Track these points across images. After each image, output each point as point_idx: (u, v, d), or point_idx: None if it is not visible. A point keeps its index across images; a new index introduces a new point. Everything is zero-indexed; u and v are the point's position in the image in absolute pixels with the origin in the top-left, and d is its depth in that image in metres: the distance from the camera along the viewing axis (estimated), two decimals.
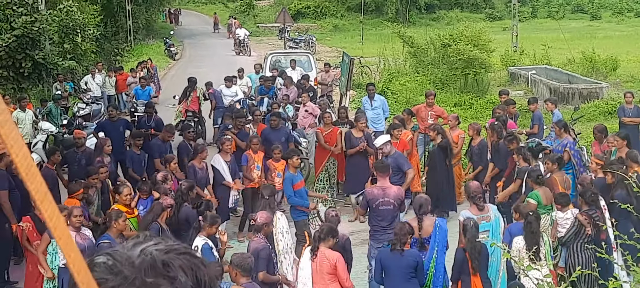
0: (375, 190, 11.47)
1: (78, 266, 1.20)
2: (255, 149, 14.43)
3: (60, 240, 1.14)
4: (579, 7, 78.03)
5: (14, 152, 1.06)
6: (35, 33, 25.25)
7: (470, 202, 10.98)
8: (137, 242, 1.46)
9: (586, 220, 10.42)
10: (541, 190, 11.64)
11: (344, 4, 74.31)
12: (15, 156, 1.06)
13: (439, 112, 17.92)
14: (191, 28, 70.69)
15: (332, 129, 16.16)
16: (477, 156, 14.98)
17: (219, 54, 48.24)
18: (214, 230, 10.25)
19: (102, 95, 26.32)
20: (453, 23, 53.88)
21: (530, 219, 9.96)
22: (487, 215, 10.69)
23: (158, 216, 10.45)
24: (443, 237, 10.22)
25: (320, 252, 9.41)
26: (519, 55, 36.88)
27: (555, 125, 15.50)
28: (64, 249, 1.16)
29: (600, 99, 25.93)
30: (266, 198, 11.05)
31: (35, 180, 1.08)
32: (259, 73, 25.57)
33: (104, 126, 17.85)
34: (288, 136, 16.37)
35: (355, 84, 28.96)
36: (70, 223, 10.03)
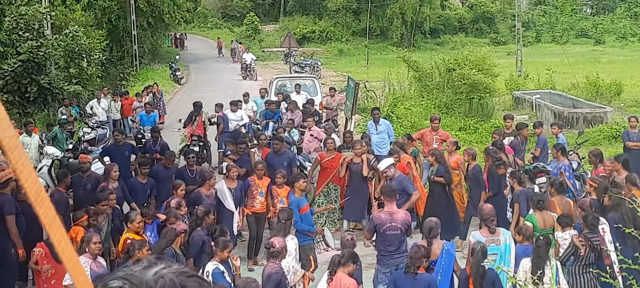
0: (383, 214, 11.42)
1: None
2: (259, 175, 14.32)
3: (69, 263, 1.15)
4: (582, 32, 78.18)
5: (23, 177, 1.08)
6: (41, 58, 25.34)
7: (483, 224, 10.98)
8: (146, 266, 1.47)
9: (581, 242, 10.48)
10: (539, 214, 11.67)
11: (349, 28, 74.61)
12: (24, 181, 1.08)
13: (444, 137, 17.89)
14: (197, 53, 70.94)
15: (335, 155, 16.11)
16: (473, 181, 14.97)
17: (224, 79, 48.36)
18: (226, 255, 10.17)
19: (107, 120, 26.35)
20: (458, 48, 53.91)
21: (540, 243, 9.98)
22: (498, 238, 10.69)
23: (172, 242, 10.40)
24: (449, 262, 10.21)
25: (337, 277, 9.36)
26: (523, 79, 36.94)
27: (553, 148, 15.63)
28: (72, 272, 1.18)
29: (605, 124, 25.92)
30: (283, 222, 11.03)
31: (44, 205, 1.10)
32: (264, 97, 25.60)
33: (109, 151, 17.79)
34: (291, 160, 16.29)
35: (361, 108, 28.98)
36: (88, 250, 10.02)
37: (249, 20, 76.54)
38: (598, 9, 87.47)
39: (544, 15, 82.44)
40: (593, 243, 10.49)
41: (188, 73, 54.96)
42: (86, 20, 34.65)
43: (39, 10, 26.90)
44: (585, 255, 10.46)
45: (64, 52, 28.03)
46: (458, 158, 15.76)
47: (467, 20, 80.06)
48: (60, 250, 1.18)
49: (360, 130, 24.93)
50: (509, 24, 75.48)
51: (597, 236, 10.63)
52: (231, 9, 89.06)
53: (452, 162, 15.46)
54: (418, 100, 30.70)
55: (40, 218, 1.15)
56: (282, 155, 16.10)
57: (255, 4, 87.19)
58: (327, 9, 76.06)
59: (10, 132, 1.12)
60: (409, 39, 72.25)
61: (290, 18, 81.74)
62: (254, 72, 48.91)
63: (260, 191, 14.18)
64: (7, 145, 1.11)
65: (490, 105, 29.65)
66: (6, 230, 11.83)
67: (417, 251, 9.71)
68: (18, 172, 1.12)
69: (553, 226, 11.44)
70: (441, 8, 79.05)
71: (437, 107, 28.96)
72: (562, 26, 78.99)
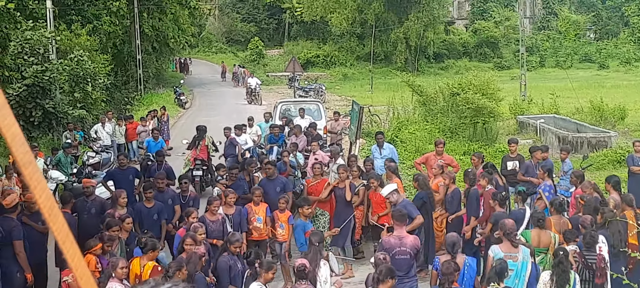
0: (392, 239, 11.37)
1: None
2: (256, 201, 14.04)
3: (82, 280, 1.16)
4: (586, 56, 78.44)
5: (38, 193, 1.08)
6: (45, 82, 25.40)
7: (505, 238, 10.94)
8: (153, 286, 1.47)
9: (575, 258, 10.54)
10: (534, 231, 11.71)
11: (353, 53, 74.95)
12: (38, 197, 1.09)
13: (449, 161, 17.83)
14: (201, 77, 71.20)
15: (320, 180, 15.88)
16: (450, 204, 14.87)
17: (228, 103, 48.50)
18: (271, 276, 10.19)
19: (111, 144, 26.38)
20: (462, 72, 54.08)
21: (561, 258, 9.99)
22: (517, 254, 10.67)
23: (196, 266, 10.36)
24: (471, 276, 10.27)
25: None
26: (527, 104, 36.96)
27: (540, 168, 15.65)
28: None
29: (609, 148, 25.88)
30: (315, 245, 10.98)
31: (57, 221, 1.11)
32: (268, 121, 25.62)
33: (113, 175, 17.74)
34: (284, 185, 16.09)
35: (365, 132, 28.99)
36: (115, 275, 9.98)
37: (253, 45, 76.86)
38: (602, 34, 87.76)
39: (547, 40, 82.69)
40: (588, 261, 10.57)
41: (192, 97, 55.12)
42: (91, 44, 34.77)
43: (44, 34, 27.00)
44: (578, 271, 10.50)
45: (68, 76, 28.10)
46: (440, 180, 15.64)
47: (471, 45, 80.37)
48: (74, 266, 1.18)
49: (365, 154, 24.94)
50: (513, 49, 75.76)
51: (594, 254, 10.69)
52: (235, 34, 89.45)
53: (434, 185, 15.34)
54: (422, 124, 30.70)
55: (53, 233, 1.15)
56: (275, 181, 15.93)
57: (260, 29, 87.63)
58: (331, 34, 76.43)
59: (24, 148, 1.13)
60: (413, 63, 72.48)
61: (295, 43, 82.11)
62: (259, 96, 49.04)
63: (258, 218, 13.85)
64: (21, 161, 1.12)
65: (495, 130, 29.65)
66: (12, 255, 11.80)
67: (448, 267, 9.74)
68: (32, 187, 1.13)
69: (548, 245, 11.43)
70: (445, 33, 79.45)
71: (441, 131, 28.96)
72: (566, 51, 79.22)
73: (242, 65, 69.04)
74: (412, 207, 13.46)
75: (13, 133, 1.14)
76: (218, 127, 24.99)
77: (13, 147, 1.13)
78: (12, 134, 1.14)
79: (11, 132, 1.14)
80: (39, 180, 1.13)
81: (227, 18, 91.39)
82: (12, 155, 12.18)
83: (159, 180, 15.12)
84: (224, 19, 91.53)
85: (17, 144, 1.13)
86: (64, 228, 1.15)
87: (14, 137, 1.14)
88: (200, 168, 21.13)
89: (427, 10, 71.63)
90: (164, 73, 66.26)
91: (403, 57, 72.60)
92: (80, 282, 1.19)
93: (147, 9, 51.79)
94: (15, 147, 1.13)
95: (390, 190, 13.55)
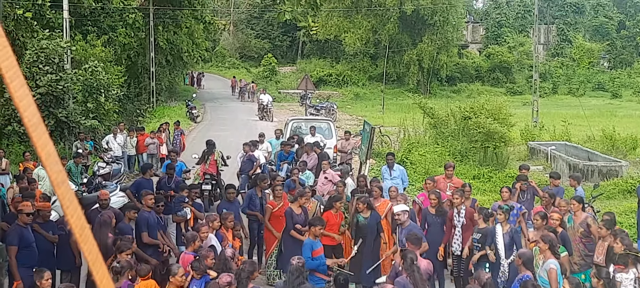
0: None
1: None
2: (227, 226, 13.59)
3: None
4: (599, 85, 78.35)
5: (70, 213, 1.10)
6: (59, 91, 25.54)
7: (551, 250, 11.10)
8: None
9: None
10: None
11: (366, 73, 75.09)
12: (70, 217, 1.11)
13: (458, 184, 17.73)
14: (213, 91, 71.37)
15: (283, 204, 15.35)
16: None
17: (240, 118, 48.59)
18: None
19: (122, 155, 26.44)
20: (474, 96, 54.04)
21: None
22: None
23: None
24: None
25: None
26: (539, 130, 36.91)
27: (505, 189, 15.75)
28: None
29: (620, 177, 25.77)
30: (294, 274, 10.75)
31: (87, 242, 1.12)
32: (279, 138, 25.62)
33: (140, 184, 17.45)
34: (241, 209, 15.94)
35: (375, 152, 28.97)
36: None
37: (266, 61, 77.08)
38: (615, 62, 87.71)
39: (561, 67, 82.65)
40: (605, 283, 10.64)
41: (204, 111, 55.23)
42: (106, 55, 34.92)
43: (60, 44, 27.17)
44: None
45: (82, 86, 28.24)
46: (385, 201, 15.47)
47: (484, 69, 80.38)
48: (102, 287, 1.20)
49: (374, 174, 24.92)
50: (526, 75, 75.73)
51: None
52: (249, 50, 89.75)
53: (378, 208, 15.11)
54: (433, 146, 30.68)
55: (84, 254, 1.17)
56: (234, 203, 15.67)
57: (273, 46, 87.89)
58: (345, 53, 76.55)
59: (58, 167, 1.15)
60: (425, 85, 72.56)
61: (308, 60, 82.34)
62: (270, 113, 49.11)
63: (230, 244, 13.25)
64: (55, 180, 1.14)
65: (505, 155, 29.60)
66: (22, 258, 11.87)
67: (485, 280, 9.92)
68: (64, 207, 1.15)
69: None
70: (458, 56, 79.49)
71: (451, 154, 28.94)
72: (579, 78, 79.15)
73: (253, 81, 69.38)
74: (418, 231, 13.41)
75: (48, 152, 1.17)
76: (228, 143, 25.11)
77: (47, 165, 1.15)
78: (47, 152, 1.16)
79: (46, 150, 1.16)
80: (71, 200, 1.15)
81: (241, 34, 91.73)
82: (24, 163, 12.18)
83: (145, 199, 14.34)
84: (238, 35, 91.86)
85: (52, 162, 1.15)
86: (94, 249, 1.17)
87: (48, 156, 1.16)
88: (209, 183, 21.12)
89: (441, 33, 71.72)
90: (177, 86, 66.47)
91: (415, 78, 72.69)
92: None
93: (162, 22, 52.02)
94: (49, 166, 1.15)
95: (402, 209, 13.48)
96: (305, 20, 79.92)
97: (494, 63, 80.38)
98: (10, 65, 1.16)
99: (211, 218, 13.26)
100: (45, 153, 1.15)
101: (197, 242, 11.98)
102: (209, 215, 13.98)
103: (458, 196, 14.70)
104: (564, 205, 14.25)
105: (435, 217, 14.66)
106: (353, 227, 14.79)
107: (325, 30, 73.46)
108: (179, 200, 15.57)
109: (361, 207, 14.36)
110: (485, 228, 13.10)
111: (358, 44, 72.53)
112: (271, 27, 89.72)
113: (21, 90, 1.17)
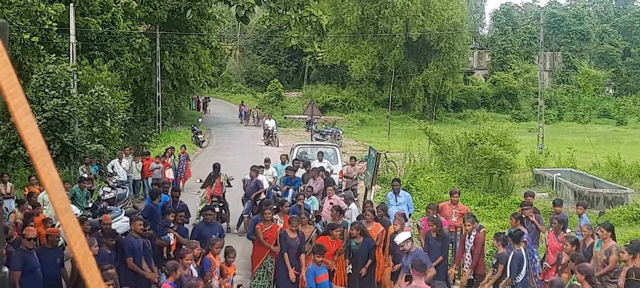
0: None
1: None
2: (215, 252, 13.31)
3: None
4: (605, 112, 78.32)
5: (73, 241, 1.11)
6: (65, 116, 25.55)
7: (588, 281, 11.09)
8: None
9: None
10: None
11: (372, 98, 75.15)
12: (73, 244, 1.11)
13: (464, 211, 17.73)
14: (219, 116, 71.48)
15: (272, 226, 15.44)
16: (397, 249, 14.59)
17: (245, 143, 48.62)
18: None
19: (127, 180, 26.46)
20: (479, 122, 54.11)
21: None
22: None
23: None
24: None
25: None
26: (544, 157, 36.87)
27: (512, 217, 15.85)
28: None
29: (625, 205, 25.72)
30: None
31: (90, 269, 1.13)
32: (284, 164, 25.62)
33: (152, 210, 17.31)
34: (221, 231, 15.79)
35: (381, 178, 28.95)
36: None
37: (272, 87, 77.21)
38: (621, 90, 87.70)
39: (566, 93, 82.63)
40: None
41: (210, 136, 55.28)
42: (112, 80, 34.97)
43: (66, 68, 27.23)
44: None
45: (88, 110, 28.27)
46: (376, 225, 15.48)
47: (490, 96, 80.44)
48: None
49: (380, 200, 24.89)
50: (531, 101, 75.78)
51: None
52: (255, 75, 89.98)
53: (371, 231, 15.13)
54: (438, 172, 30.67)
55: (85, 282, 1.17)
56: (213, 226, 15.63)
57: (279, 71, 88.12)
58: (351, 79, 76.69)
59: (62, 195, 1.15)
60: (431, 111, 72.63)
61: (314, 86, 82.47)
62: (276, 138, 49.13)
63: (217, 270, 13.09)
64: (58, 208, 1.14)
65: (511, 181, 29.58)
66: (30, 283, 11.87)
67: None
68: (67, 235, 1.15)
69: None
70: (464, 82, 79.59)
71: (457, 180, 28.92)
72: (585, 105, 79.15)
73: (257, 106, 69.58)
74: (424, 257, 13.37)
75: (52, 179, 1.17)
76: (233, 167, 25.28)
77: (51, 193, 1.16)
78: (51, 180, 1.17)
79: (50, 178, 1.17)
80: (74, 228, 1.16)
81: (247, 59, 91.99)
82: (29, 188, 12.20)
83: (135, 224, 14.27)
84: (245, 60, 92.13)
85: (56, 190, 1.15)
86: (97, 277, 1.17)
87: (52, 183, 1.16)
88: (216, 205, 21.23)
89: (446, 59, 71.87)
90: (183, 111, 66.60)
91: (421, 104, 72.75)
92: None
93: (169, 47, 52.21)
94: (53, 194, 1.15)
95: (404, 238, 13.44)
96: (311, 46, 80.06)
97: (499, 89, 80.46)
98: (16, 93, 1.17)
99: (192, 246, 12.97)
100: (50, 181, 1.16)
101: (179, 270, 11.61)
102: (190, 242, 13.95)
103: (469, 222, 14.85)
104: (586, 230, 14.45)
105: (436, 240, 14.78)
106: (347, 253, 14.88)
107: (331, 56, 73.60)
108: (165, 224, 15.48)
109: (355, 232, 14.40)
110: (502, 254, 13.16)
111: (364, 70, 72.63)
112: (277, 53, 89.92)
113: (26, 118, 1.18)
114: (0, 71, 1.17)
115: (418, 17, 69.59)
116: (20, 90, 1.19)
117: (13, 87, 1.17)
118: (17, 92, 1.18)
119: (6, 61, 1.19)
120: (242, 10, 13.01)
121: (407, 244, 13.30)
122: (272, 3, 13.77)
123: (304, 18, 14.70)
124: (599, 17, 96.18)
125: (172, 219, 15.48)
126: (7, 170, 24.06)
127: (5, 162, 25.28)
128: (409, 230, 14.54)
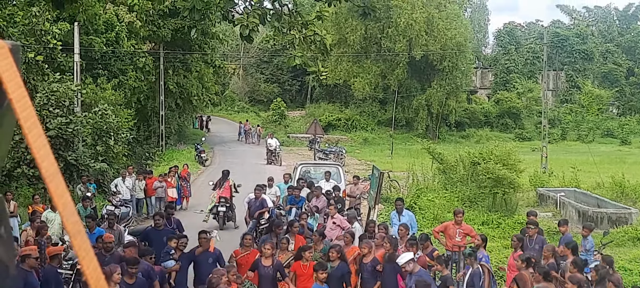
0: None
1: None
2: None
3: None
4: (608, 131, 78.33)
5: (86, 264, 1.10)
6: (69, 134, 25.63)
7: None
8: None
9: None
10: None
11: (375, 118, 75.24)
12: (86, 268, 1.11)
13: (467, 230, 17.68)
14: (222, 135, 71.55)
15: (250, 251, 14.94)
16: (369, 273, 14.47)
17: (248, 162, 48.61)
18: None
19: (131, 198, 26.47)
20: (483, 141, 54.05)
21: None
22: None
23: None
24: None
25: None
26: (548, 176, 36.83)
27: (479, 237, 16.06)
28: None
29: (629, 225, 25.66)
30: None
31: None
32: (288, 183, 25.64)
33: (148, 234, 17.15)
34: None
35: (384, 198, 28.90)
36: None
37: (275, 106, 77.33)
38: (624, 109, 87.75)
39: (570, 113, 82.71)
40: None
41: (213, 155, 55.32)
42: (116, 99, 35.07)
43: (70, 87, 27.34)
44: None
45: (92, 129, 28.33)
46: (354, 248, 15.36)
47: (493, 115, 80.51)
48: None
49: (383, 219, 24.84)
50: (535, 121, 75.80)
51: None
52: (258, 94, 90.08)
53: (347, 253, 14.93)
54: (441, 192, 30.64)
55: None
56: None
57: (283, 90, 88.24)
58: (354, 98, 76.78)
59: (74, 218, 1.15)
60: (434, 130, 72.67)
61: (317, 105, 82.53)
62: (279, 157, 49.14)
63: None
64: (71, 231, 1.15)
65: (514, 201, 29.52)
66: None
67: None
68: (80, 258, 1.15)
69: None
70: (467, 102, 79.67)
71: (460, 200, 28.87)
72: (588, 125, 79.15)
73: (258, 125, 69.69)
74: (428, 277, 13.33)
75: (64, 202, 1.17)
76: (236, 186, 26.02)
77: (64, 216, 1.16)
78: (64, 203, 1.17)
79: (62, 201, 1.17)
80: (87, 251, 1.16)
81: (250, 78, 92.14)
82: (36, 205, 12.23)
83: (129, 250, 14.27)
84: (248, 79, 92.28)
85: (68, 213, 1.16)
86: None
87: (65, 206, 1.16)
88: (224, 205, 24.94)
89: (450, 79, 72.01)
90: (186, 130, 66.69)
91: (424, 123, 72.83)
92: None
93: (172, 66, 52.38)
94: (66, 217, 1.16)
95: (407, 259, 13.32)
96: (315, 65, 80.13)
97: (502, 109, 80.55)
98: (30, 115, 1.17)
99: None
100: (62, 204, 1.16)
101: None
102: None
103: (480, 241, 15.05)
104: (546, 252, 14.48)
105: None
106: None
107: (334, 75, 73.71)
108: (167, 251, 15.21)
109: (333, 255, 14.02)
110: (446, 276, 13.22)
111: (367, 89, 72.76)
112: (280, 72, 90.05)
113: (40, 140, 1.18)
114: (15, 93, 1.18)
115: (421, 36, 69.80)
116: (34, 113, 1.20)
117: (27, 109, 1.17)
118: (30, 115, 1.18)
119: (20, 83, 1.19)
120: (246, 30, 12.98)
121: (409, 266, 13.18)
122: (276, 22, 13.73)
123: (307, 37, 14.68)
124: (603, 36, 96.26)
125: (174, 246, 15.30)
126: (11, 189, 24.07)
127: (9, 181, 25.31)
128: (411, 251, 14.38)
